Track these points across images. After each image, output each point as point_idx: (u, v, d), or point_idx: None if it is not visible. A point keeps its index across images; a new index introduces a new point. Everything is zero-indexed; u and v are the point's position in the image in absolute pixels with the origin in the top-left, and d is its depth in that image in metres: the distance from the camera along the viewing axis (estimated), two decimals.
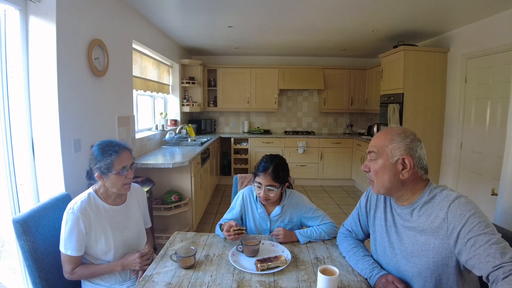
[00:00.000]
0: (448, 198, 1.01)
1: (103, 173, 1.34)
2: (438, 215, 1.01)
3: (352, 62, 5.69)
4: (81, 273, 1.31)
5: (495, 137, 2.97)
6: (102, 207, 1.38)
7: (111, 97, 2.53)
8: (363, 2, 2.73)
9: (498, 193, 1.77)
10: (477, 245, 0.89)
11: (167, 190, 2.96)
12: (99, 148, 1.37)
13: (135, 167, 1.44)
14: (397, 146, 1.08)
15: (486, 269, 0.86)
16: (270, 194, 1.51)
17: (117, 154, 1.35)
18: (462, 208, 0.96)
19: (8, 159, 1.78)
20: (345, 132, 5.79)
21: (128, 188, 1.42)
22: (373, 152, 1.12)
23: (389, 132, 1.12)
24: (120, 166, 1.35)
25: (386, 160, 1.08)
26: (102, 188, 1.40)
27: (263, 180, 1.50)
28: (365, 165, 1.15)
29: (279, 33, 3.94)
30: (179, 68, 4.73)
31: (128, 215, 1.48)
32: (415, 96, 3.69)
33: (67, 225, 1.27)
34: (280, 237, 1.46)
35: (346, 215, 3.98)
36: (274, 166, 1.50)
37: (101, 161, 1.33)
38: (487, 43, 3.04)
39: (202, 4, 2.86)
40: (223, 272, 1.20)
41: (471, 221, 0.93)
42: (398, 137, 1.09)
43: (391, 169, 1.08)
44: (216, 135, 5.13)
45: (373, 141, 1.15)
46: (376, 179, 1.11)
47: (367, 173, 1.16)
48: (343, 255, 1.34)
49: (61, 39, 1.85)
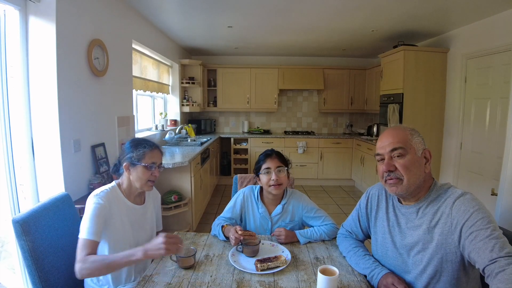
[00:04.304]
0: (454, 195, 1.02)
1: (133, 164, 1.35)
2: (444, 211, 1.02)
3: (352, 62, 5.69)
4: (93, 261, 1.16)
5: (495, 137, 2.97)
6: (124, 202, 1.38)
7: (111, 97, 2.53)
8: (363, 2, 2.73)
9: (498, 193, 1.77)
10: (477, 239, 0.90)
11: (167, 190, 2.96)
12: (133, 141, 1.41)
13: (162, 168, 1.47)
14: (418, 140, 1.09)
15: (483, 262, 0.87)
16: (281, 175, 1.54)
17: (151, 148, 1.39)
18: (467, 204, 0.97)
19: (8, 159, 1.78)
20: (345, 132, 5.79)
21: (151, 187, 1.43)
22: (400, 148, 1.07)
23: (402, 128, 1.12)
24: (150, 160, 1.37)
25: (414, 154, 1.07)
26: (125, 183, 1.40)
27: (271, 163, 1.55)
28: (388, 164, 1.08)
29: (279, 33, 3.94)
30: (179, 68, 4.73)
31: (145, 216, 1.48)
32: (415, 96, 3.69)
33: (87, 211, 1.25)
34: (282, 237, 1.46)
35: (346, 215, 3.94)
36: (277, 152, 1.63)
37: (133, 152, 1.36)
38: (487, 43, 3.04)
39: (202, 4, 2.86)
40: (223, 272, 1.20)
41: (474, 216, 0.94)
42: (413, 131, 1.10)
43: (420, 162, 1.07)
44: (216, 135, 5.13)
45: (393, 137, 1.09)
46: (408, 175, 1.06)
47: (388, 173, 1.09)
48: (344, 255, 1.34)
49: (61, 39, 1.85)
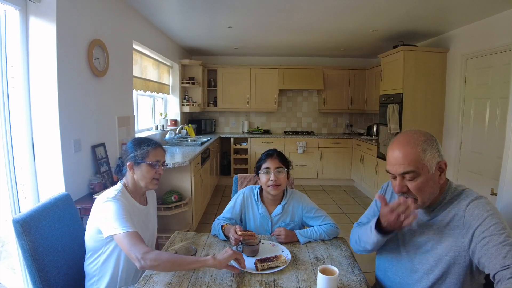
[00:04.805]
0: (468, 197, 1.01)
1: (136, 163, 1.35)
2: (457, 213, 1.01)
3: (352, 62, 5.69)
4: (157, 256, 1.11)
5: (494, 137, 2.97)
6: (133, 203, 1.38)
7: (111, 97, 2.54)
8: (363, 2, 2.73)
9: (498, 193, 1.78)
10: (490, 244, 0.89)
11: (167, 190, 2.96)
12: (136, 140, 1.41)
13: (166, 166, 1.47)
14: (431, 156, 1.00)
15: (495, 268, 0.86)
16: (280, 176, 1.54)
17: (154, 146, 1.39)
18: (481, 208, 0.96)
19: (8, 159, 1.78)
20: (344, 132, 5.79)
21: (156, 185, 1.42)
22: (412, 172, 0.99)
23: (413, 142, 1.01)
24: (154, 158, 1.37)
25: (426, 173, 1.00)
26: (130, 184, 1.39)
27: (271, 163, 1.55)
28: (401, 185, 1.02)
29: (279, 33, 3.94)
30: (179, 68, 4.73)
31: (148, 217, 1.48)
32: (414, 96, 3.69)
33: (111, 210, 1.21)
34: (282, 237, 1.46)
35: (346, 215, 4.00)
36: (278, 153, 1.62)
37: (136, 151, 1.36)
38: (487, 43, 3.04)
39: (202, 4, 2.87)
40: (223, 272, 1.20)
41: (488, 221, 0.93)
42: (426, 144, 1.01)
43: (433, 179, 1.01)
44: (216, 135, 5.13)
45: (404, 158, 1.00)
46: (422, 196, 1.02)
47: (401, 194, 1.05)
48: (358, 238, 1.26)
49: (61, 39, 1.85)
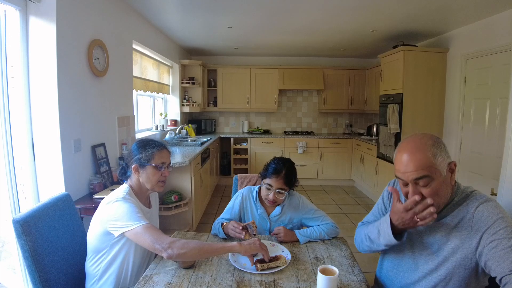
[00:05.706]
0: (477, 200, 1.01)
1: (142, 165, 1.33)
2: (465, 215, 1.00)
3: (352, 62, 5.69)
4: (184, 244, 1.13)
5: (494, 137, 2.97)
6: (139, 205, 1.36)
7: (111, 97, 2.54)
8: (363, 2, 2.73)
9: (498, 193, 1.78)
10: (498, 248, 0.89)
11: (167, 190, 2.96)
12: (140, 142, 1.39)
13: (171, 168, 1.45)
14: (442, 159, 0.99)
15: (503, 271, 0.85)
16: (279, 197, 1.51)
17: (159, 148, 1.37)
18: (490, 211, 0.96)
19: (8, 159, 1.78)
20: (344, 132, 5.79)
21: (162, 187, 1.41)
22: (425, 177, 0.97)
23: (423, 148, 0.99)
24: (159, 160, 1.35)
25: (440, 177, 0.98)
26: (135, 187, 1.37)
27: (275, 183, 1.48)
28: (415, 192, 0.99)
29: (278, 34, 3.94)
30: (179, 69, 4.73)
31: (152, 219, 1.48)
32: (414, 96, 3.69)
33: (123, 208, 1.21)
34: (281, 235, 1.46)
35: (346, 215, 4.00)
36: (287, 170, 1.49)
37: (142, 153, 1.34)
38: (487, 43, 3.04)
39: (202, 5, 2.87)
40: (223, 272, 1.20)
41: (497, 225, 0.92)
42: (435, 148, 0.99)
43: (446, 182, 1.01)
44: (216, 135, 5.13)
45: (415, 164, 0.98)
46: (437, 200, 1.00)
47: None
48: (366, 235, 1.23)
49: (61, 40, 1.85)
